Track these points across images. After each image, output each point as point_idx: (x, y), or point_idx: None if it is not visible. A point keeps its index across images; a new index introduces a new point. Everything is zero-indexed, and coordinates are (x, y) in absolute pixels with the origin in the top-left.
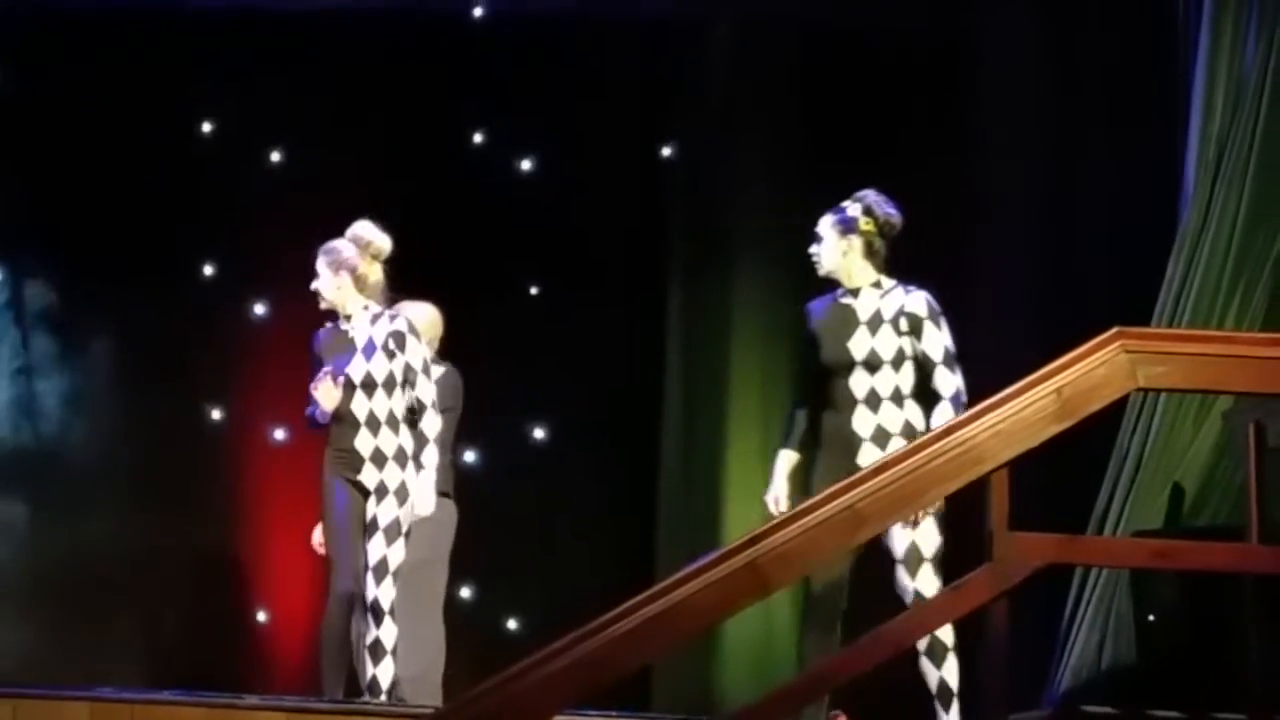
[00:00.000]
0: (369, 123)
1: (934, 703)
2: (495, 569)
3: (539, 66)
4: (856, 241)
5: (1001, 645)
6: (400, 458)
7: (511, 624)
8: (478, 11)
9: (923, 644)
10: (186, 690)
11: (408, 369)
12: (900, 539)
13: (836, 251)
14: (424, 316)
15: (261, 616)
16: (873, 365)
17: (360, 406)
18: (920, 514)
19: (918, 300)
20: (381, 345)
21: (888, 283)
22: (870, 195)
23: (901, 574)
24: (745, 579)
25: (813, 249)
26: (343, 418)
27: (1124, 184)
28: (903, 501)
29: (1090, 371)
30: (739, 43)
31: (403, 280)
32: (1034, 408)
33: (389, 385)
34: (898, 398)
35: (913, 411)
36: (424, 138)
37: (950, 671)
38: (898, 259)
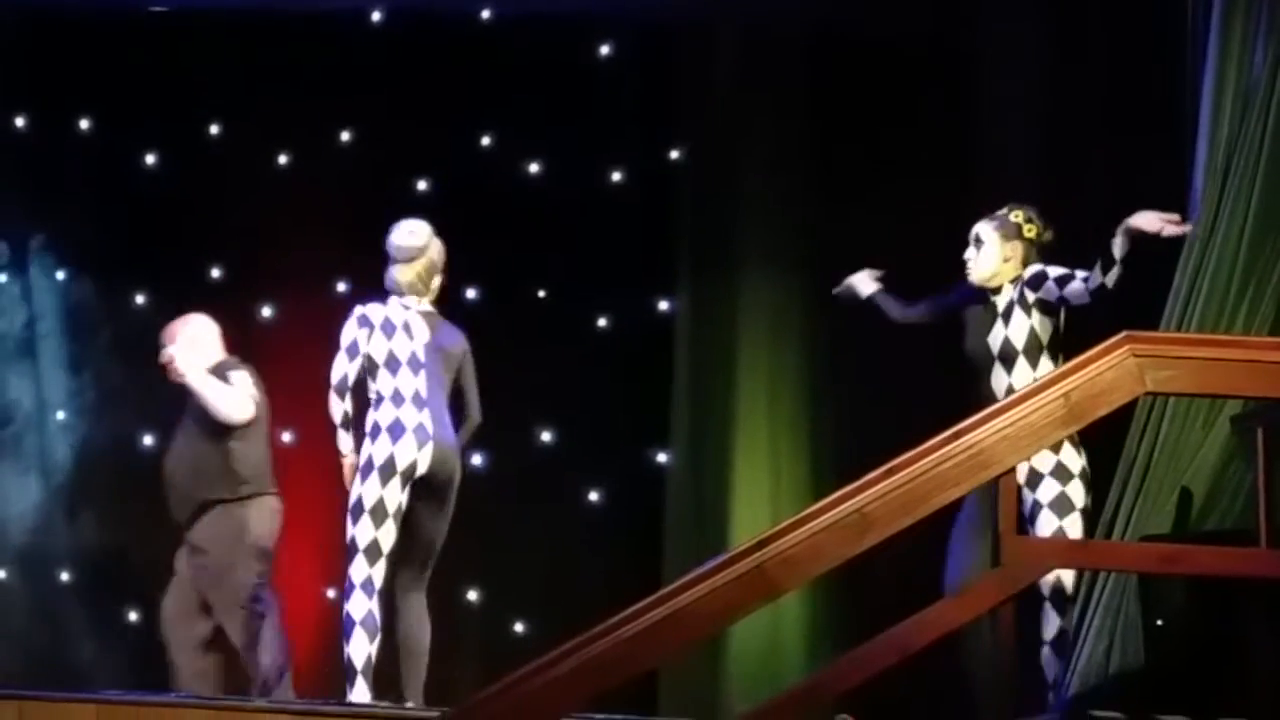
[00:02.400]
0: (374, 125)
1: (1044, 648)
2: (502, 572)
3: (546, 69)
4: (1020, 248)
5: (1010, 649)
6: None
7: (519, 627)
8: (485, 14)
9: (1047, 589)
10: (192, 692)
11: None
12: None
13: (998, 255)
14: (198, 329)
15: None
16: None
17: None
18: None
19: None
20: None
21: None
22: (1029, 208)
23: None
24: (753, 582)
25: (967, 253)
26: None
27: (1131, 189)
28: (911, 505)
29: (1098, 376)
30: (744, 47)
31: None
32: (1042, 412)
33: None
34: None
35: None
36: (431, 140)
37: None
38: (901, 265)
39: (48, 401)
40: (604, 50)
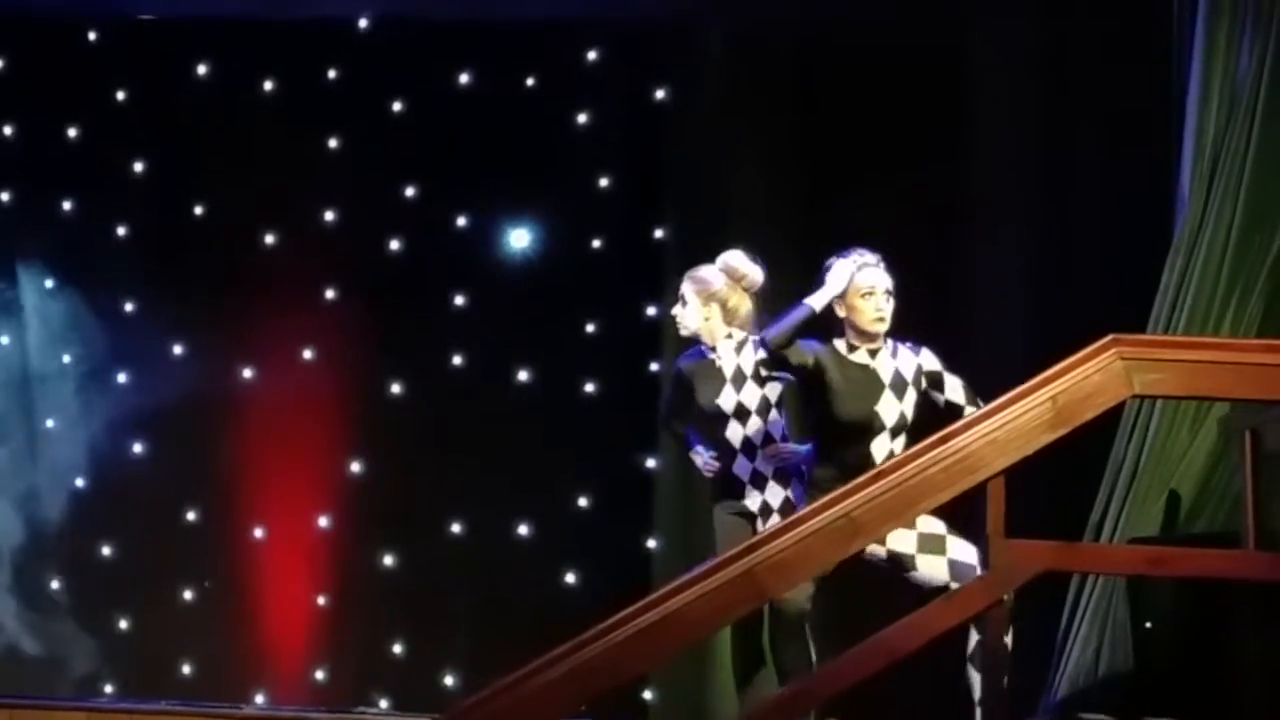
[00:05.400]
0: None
1: (976, 710)
2: (493, 575)
3: (531, 73)
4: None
5: (999, 652)
6: (778, 477)
7: (507, 630)
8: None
9: (970, 646)
10: (183, 700)
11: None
12: (903, 540)
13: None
14: None
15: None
16: (899, 430)
17: (734, 434)
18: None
19: (928, 355)
20: (751, 374)
21: (890, 343)
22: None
23: (927, 562)
24: (742, 587)
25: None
26: (720, 445)
27: (1119, 191)
28: (898, 509)
29: (1085, 379)
30: (733, 49)
31: (397, 302)
32: (1029, 416)
33: (763, 411)
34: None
35: None
36: (416, 149)
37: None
38: (893, 259)
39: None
40: (591, 55)
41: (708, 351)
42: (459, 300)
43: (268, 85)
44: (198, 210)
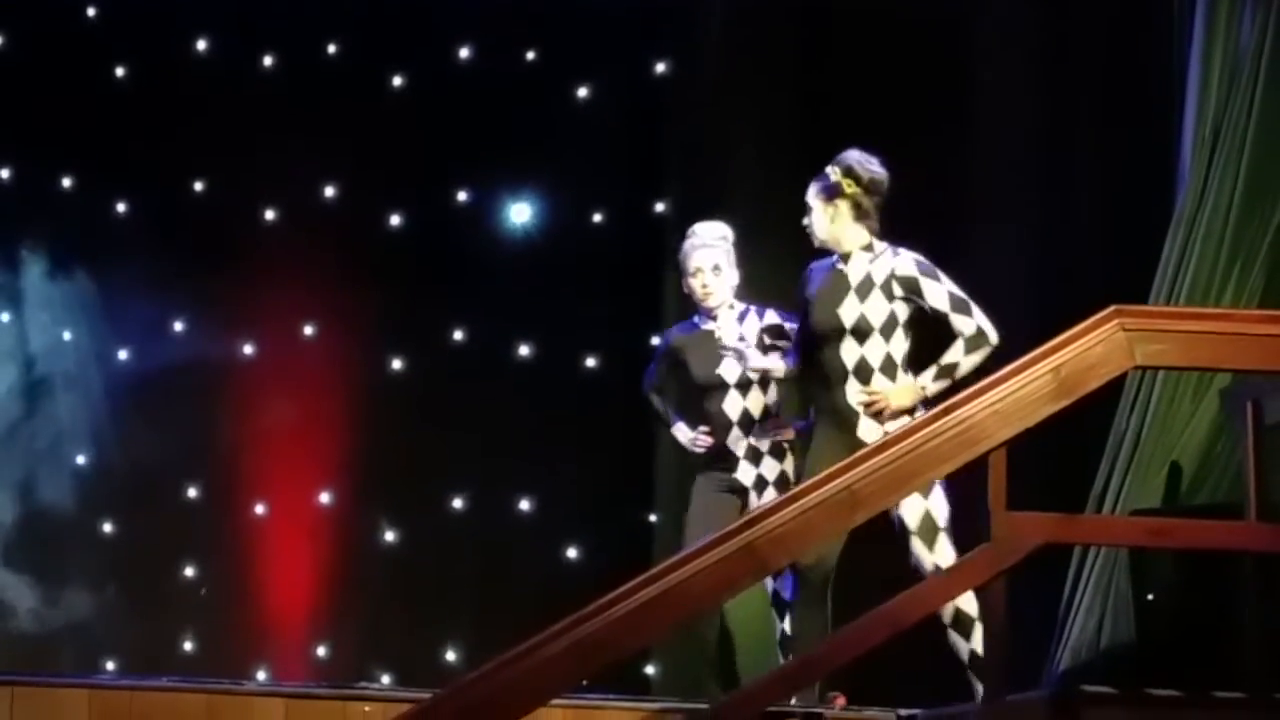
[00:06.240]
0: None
1: (968, 673)
2: (494, 551)
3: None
4: (843, 205)
5: (1000, 624)
6: (775, 452)
7: (508, 605)
8: None
9: (947, 617)
10: (185, 676)
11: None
12: (912, 510)
13: (825, 219)
14: None
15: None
16: (862, 332)
17: (733, 406)
18: None
19: (906, 262)
20: (755, 344)
21: (879, 246)
22: (852, 155)
23: (917, 546)
24: (743, 561)
25: (805, 220)
26: (714, 417)
27: (1120, 162)
28: (901, 482)
29: (1088, 350)
30: (733, 20)
31: (398, 277)
32: (1031, 387)
33: (764, 383)
34: (890, 368)
35: (906, 383)
36: (417, 124)
37: (980, 641)
38: (891, 235)
39: None
40: (592, 30)
41: (701, 321)
42: (460, 275)
43: (267, 60)
44: (197, 186)
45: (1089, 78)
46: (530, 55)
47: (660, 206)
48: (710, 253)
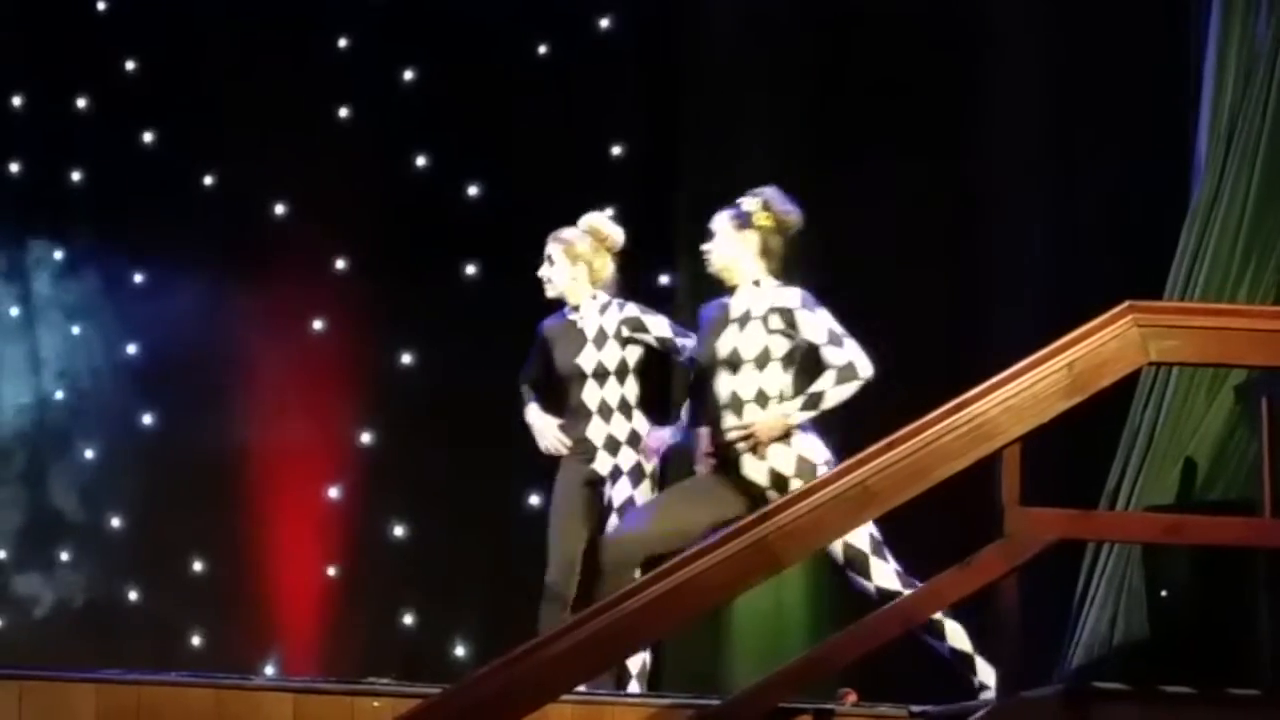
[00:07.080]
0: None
1: (961, 667)
2: (502, 544)
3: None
4: (752, 237)
5: (1013, 621)
6: (632, 441)
7: (518, 600)
8: None
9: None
10: (194, 671)
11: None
12: (834, 545)
13: (728, 244)
14: None
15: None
16: (733, 364)
17: (591, 395)
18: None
19: (788, 295)
20: (613, 334)
21: (768, 283)
22: (770, 191)
23: (854, 576)
24: (755, 556)
25: (703, 246)
26: (575, 408)
27: (1135, 156)
28: (914, 478)
29: (1102, 346)
30: (741, 25)
31: (407, 271)
32: (1045, 383)
33: (620, 374)
34: (762, 399)
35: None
36: (428, 116)
37: (956, 638)
38: (908, 228)
39: None
40: (603, 23)
41: (569, 312)
42: (470, 269)
43: (278, 55)
44: (207, 180)
45: (1103, 73)
46: (541, 49)
47: (673, 199)
48: (549, 246)
